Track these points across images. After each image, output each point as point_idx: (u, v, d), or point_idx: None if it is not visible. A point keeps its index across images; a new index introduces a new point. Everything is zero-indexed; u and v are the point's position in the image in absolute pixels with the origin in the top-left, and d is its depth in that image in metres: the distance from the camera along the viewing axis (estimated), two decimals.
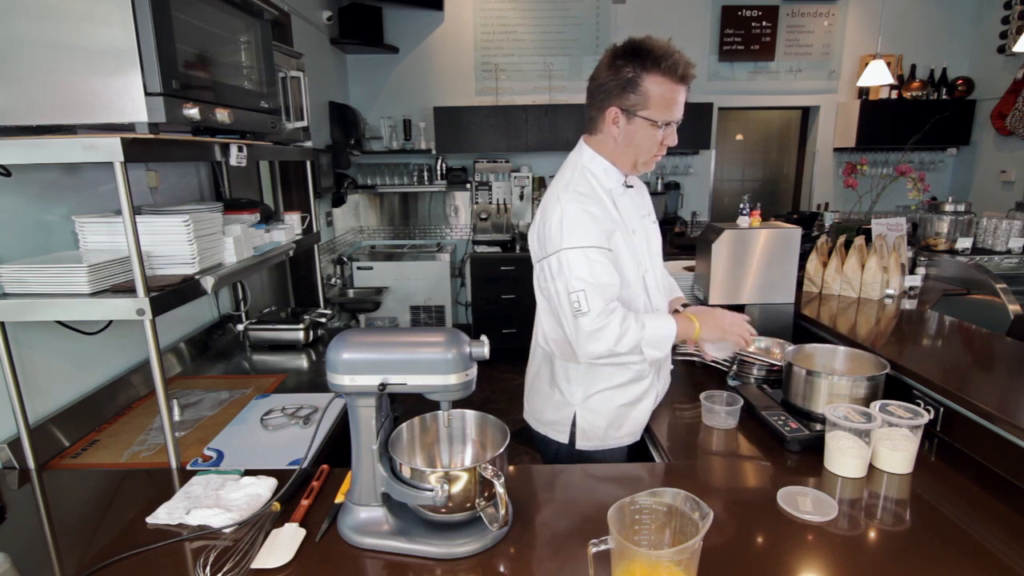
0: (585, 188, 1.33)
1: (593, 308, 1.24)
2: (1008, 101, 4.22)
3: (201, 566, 0.94)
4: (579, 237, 1.26)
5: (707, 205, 4.96)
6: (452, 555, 0.97)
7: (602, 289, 1.26)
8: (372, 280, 4.35)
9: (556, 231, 1.28)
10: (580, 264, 1.25)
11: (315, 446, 1.36)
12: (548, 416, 1.49)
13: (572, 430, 1.45)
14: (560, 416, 1.46)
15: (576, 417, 1.44)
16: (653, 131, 1.29)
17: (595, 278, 1.25)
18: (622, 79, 1.26)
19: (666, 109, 1.27)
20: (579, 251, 1.25)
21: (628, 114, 1.29)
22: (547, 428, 1.51)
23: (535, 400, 1.54)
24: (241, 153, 1.57)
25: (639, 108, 1.27)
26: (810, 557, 0.98)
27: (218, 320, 2.31)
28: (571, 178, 1.34)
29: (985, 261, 3.09)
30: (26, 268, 1.25)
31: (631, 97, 1.27)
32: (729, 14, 4.52)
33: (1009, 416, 1.22)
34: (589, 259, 1.25)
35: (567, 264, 1.26)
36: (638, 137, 1.31)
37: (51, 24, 1.15)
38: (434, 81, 4.66)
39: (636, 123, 1.29)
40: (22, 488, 1.27)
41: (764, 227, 1.91)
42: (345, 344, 0.96)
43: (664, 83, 1.25)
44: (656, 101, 1.26)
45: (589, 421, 1.44)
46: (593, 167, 1.37)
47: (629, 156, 1.35)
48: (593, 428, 1.44)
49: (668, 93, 1.26)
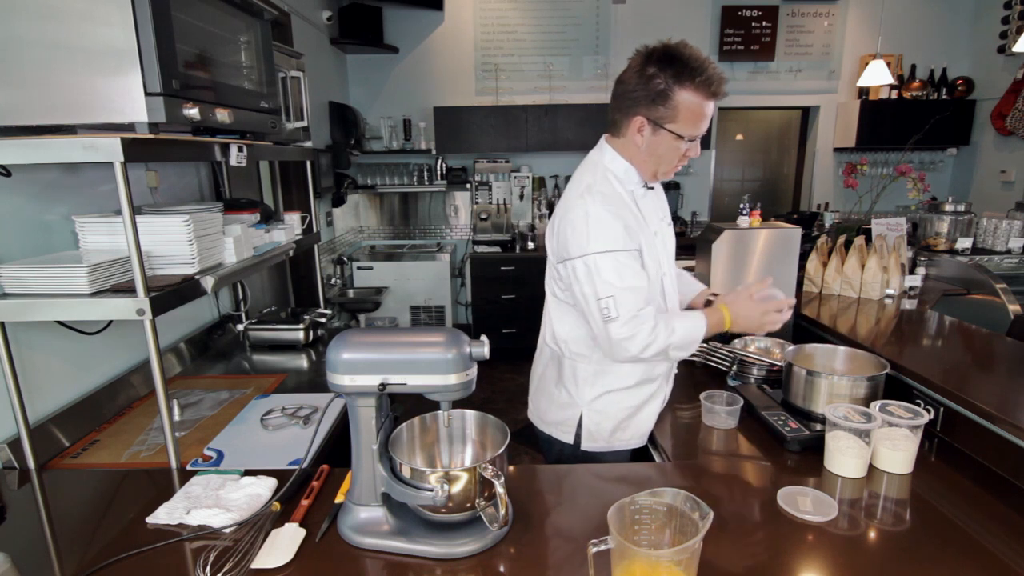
0: (608, 190, 1.30)
1: (623, 314, 1.23)
2: (1008, 101, 4.22)
3: (201, 566, 0.94)
4: (607, 241, 1.24)
5: (707, 205, 4.96)
6: (452, 555, 0.97)
7: (632, 292, 1.24)
8: (372, 280, 4.35)
9: (582, 234, 1.25)
10: (609, 269, 1.23)
11: (315, 446, 1.36)
12: (553, 416, 1.48)
13: (578, 431, 1.44)
14: (566, 416, 1.45)
15: (583, 418, 1.43)
16: (677, 144, 1.27)
17: (624, 282, 1.24)
18: (652, 90, 1.23)
19: (694, 124, 1.25)
20: (608, 255, 1.23)
21: (655, 125, 1.26)
22: (552, 428, 1.49)
23: (541, 399, 1.53)
24: (241, 153, 1.57)
25: (666, 121, 1.25)
26: (810, 557, 0.98)
27: (218, 320, 2.31)
28: (593, 180, 1.32)
29: (985, 261, 3.09)
30: (26, 268, 1.25)
31: (660, 109, 1.24)
32: (729, 14, 4.52)
33: (1009, 416, 1.22)
34: (618, 263, 1.24)
35: (595, 269, 1.24)
36: (662, 148, 1.29)
37: (51, 24, 1.15)
38: (434, 81, 4.66)
39: (661, 135, 1.27)
40: (22, 488, 1.27)
41: (764, 227, 1.91)
42: (345, 344, 0.96)
43: (695, 98, 1.23)
44: (685, 116, 1.24)
45: (596, 422, 1.43)
46: (615, 168, 1.35)
47: (650, 166, 1.33)
48: (599, 430, 1.43)
49: (698, 109, 1.24)
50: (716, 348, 1.81)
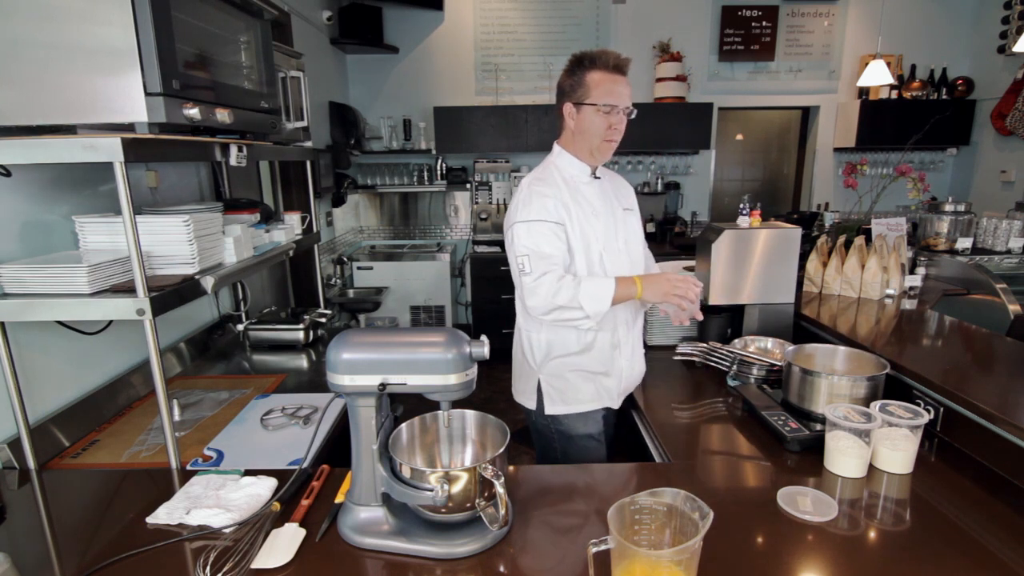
0: (544, 175, 1.56)
1: (535, 270, 1.45)
2: (1008, 101, 4.22)
3: (201, 566, 0.94)
4: (526, 213, 1.48)
5: (707, 205, 4.96)
6: (452, 555, 0.97)
7: (543, 257, 1.46)
8: (372, 280, 4.35)
9: (512, 210, 1.53)
10: (524, 235, 1.48)
11: (315, 446, 1.36)
12: (521, 386, 1.68)
13: (539, 396, 1.61)
14: (530, 385, 1.63)
15: (540, 383, 1.61)
16: (599, 117, 1.49)
17: (537, 247, 1.46)
18: (571, 81, 1.53)
19: (607, 93, 1.48)
20: (524, 224, 1.48)
21: (578, 106, 1.52)
22: (522, 397, 1.68)
23: (516, 373, 1.72)
24: (241, 153, 1.57)
25: (585, 98, 1.50)
26: (810, 557, 0.98)
27: (218, 320, 2.31)
28: (539, 171, 1.58)
29: (985, 261, 3.09)
30: (26, 268, 1.25)
31: (578, 91, 1.51)
32: (729, 14, 4.51)
33: (1009, 416, 1.22)
34: (532, 231, 1.47)
35: (516, 235, 1.49)
36: (587, 123, 1.51)
37: (51, 24, 1.15)
38: (434, 81, 4.66)
39: (584, 111, 1.51)
40: (22, 488, 1.27)
41: (764, 227, 1.91)
42: (345, 344, 0.96)
43: (600, 74, 1.49)
44: (596, 90, 1.49)
45: (552, 385, 1.59)
46: (559, 161, 1.59)
47: (584, 144, 1.54)
48: (556, 392, 1.59)
49: (605, 83, 1.48)
50: (716, 348, 1.82)
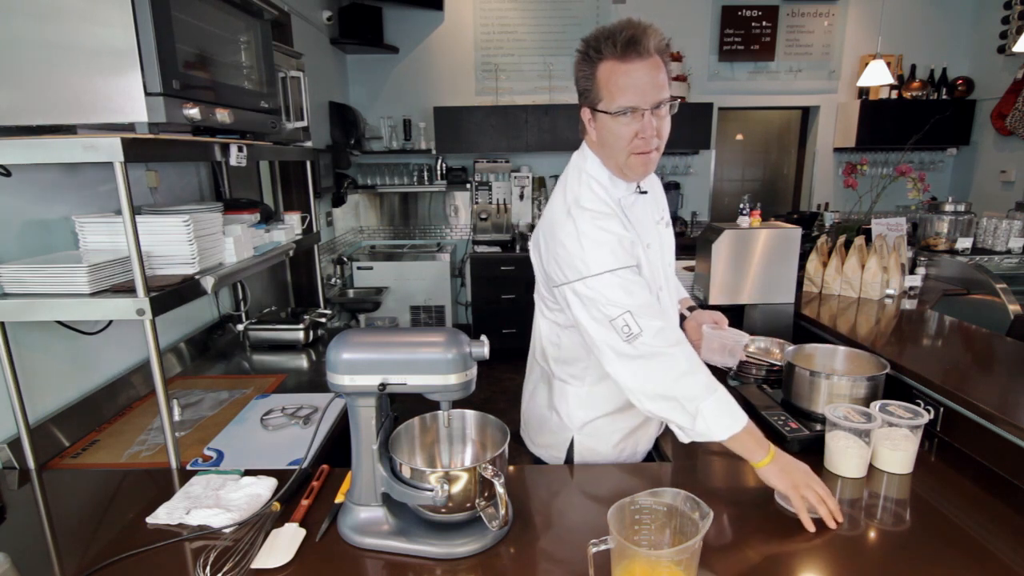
0: (596, 203, 1.18)
1: (646, 328, 1.08)
2: (1008, 101, 4.22)
3: (201, 566, 0.94)
4: (604, 261, 1.11)
5: (707, 205, 4.96)
6: (452, 555, 0.97)
7: (647, 308, 1.11)
8: (372, 280, 4.35)
9: (576, 256, 1.13)
10: (613, 288, 1.10)
11: (315, 446, 1.36)
12: (545, 440, 1.41)
13: (569, 452, 1.37)
14: (557, 440, 1.38)
15: (574, 442, 1.36)
16: (617, 124, 1.13)
17: (634, 298, 1.10)
18: (583, 76, 1.16)
19: (620, 94, 1.10)
20: (609, 275, 1.11)
21: (593, 111, 1.17)
22: (542, 451, 1.43)
23: (531, 421, 1.46)
24: (241, 153, 1.57)
25: (598, 103, 1.14)
26: (810, 557, 0.98)
27: (218, 320, 2.31)
28: (579, 191, 1.20)
29: (985, 261, 3.09)
30: (26, 268, 1.25)
31: (591, 94, 1.15)
32: (729, 14, 4.51)
33: (1009, 416, 1.22)
34: (623, 279, 1.11)
35: (599, 290, 1.11)
36: (605, 134, 1.16)
37: (51, 24, 1.15)
38: (434, 81, 4.66)
39: (600, 119, 1.16)
40: (22, 488, 1.27)
41: (764, 227, 1.91)
42: (345, 344, 0.96)
43: (609, 64, 1.11)
44: (606, 89, 1.12)
45: (588, 447, 1.35)
46: (600, 176, 1.23)
47: (610, 159, 1.20)
48: (592, 454, 1.36)
49: (617, 77, 1.10)
50: None
